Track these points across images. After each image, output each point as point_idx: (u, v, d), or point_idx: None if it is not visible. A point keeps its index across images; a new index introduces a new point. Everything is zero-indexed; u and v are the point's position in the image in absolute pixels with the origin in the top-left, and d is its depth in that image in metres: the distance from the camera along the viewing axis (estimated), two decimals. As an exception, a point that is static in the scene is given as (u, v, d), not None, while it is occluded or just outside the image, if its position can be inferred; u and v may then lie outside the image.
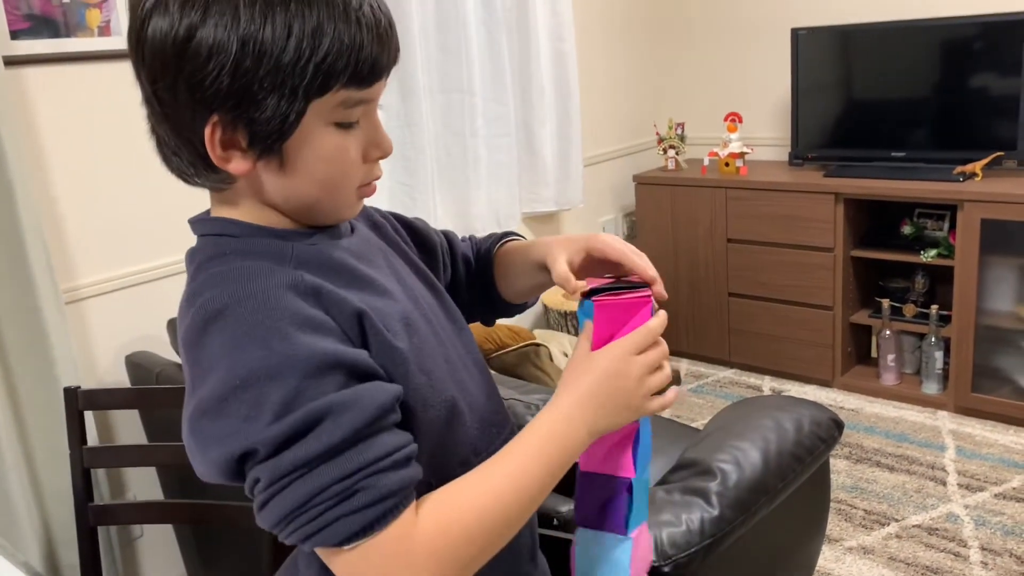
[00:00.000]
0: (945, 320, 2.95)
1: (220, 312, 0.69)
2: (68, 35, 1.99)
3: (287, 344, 0.67)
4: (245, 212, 0.78)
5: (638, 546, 0.86)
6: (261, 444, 0.66)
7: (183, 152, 0.74)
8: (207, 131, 0.70)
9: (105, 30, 2.04)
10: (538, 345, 2.92)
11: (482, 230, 2.83)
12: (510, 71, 2.98)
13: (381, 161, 0.80)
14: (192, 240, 0.81)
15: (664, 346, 0.84)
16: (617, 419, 0.81)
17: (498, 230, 1.11)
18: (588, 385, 0.80)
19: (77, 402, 1.50)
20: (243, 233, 0.77)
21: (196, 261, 0.77)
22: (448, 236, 1.07)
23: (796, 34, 3.20)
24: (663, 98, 3.83)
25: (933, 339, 2.95)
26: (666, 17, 3.77)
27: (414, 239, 0.99)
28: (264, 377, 0.66)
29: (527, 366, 2.84)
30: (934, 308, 2.94)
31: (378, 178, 0.80)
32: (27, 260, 1.86)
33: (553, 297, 3.27)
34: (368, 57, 0.71)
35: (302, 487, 0.66)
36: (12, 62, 1.88)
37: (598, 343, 0.82)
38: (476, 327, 2.88)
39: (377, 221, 0.94)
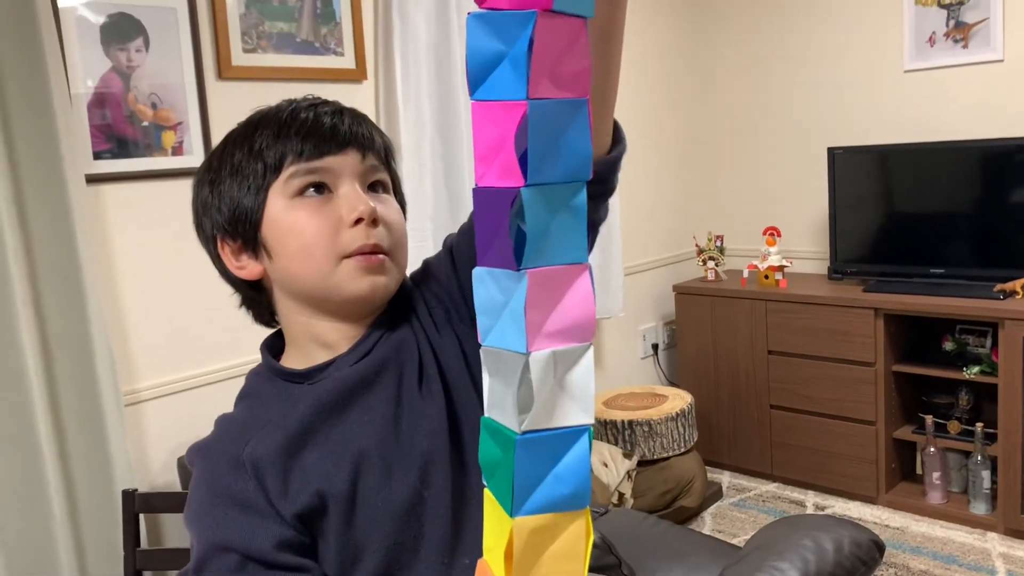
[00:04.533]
0: (991, 438, 2.91)
1: (194, 455, 0.86)
2: (144, 155, 2.14)
3: (206, 513, 0.81)
4: (291, 345, 0.89)
5: (540, 288, 0.50)
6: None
7: (240, 293, 0.89)
8: (225, 255, 0.86)
9: (178, 150, 2.20)
10: (577, 454, 2.92)
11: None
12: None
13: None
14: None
15: None
16: None
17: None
18: None
19: (134, 505, 1.56)
20: (261, 374, 0.89)
21: (241, 387, 0.90)
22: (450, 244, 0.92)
23: (832, 153, 3.29)
24: (702, 211, 3.92)
25: (979, 457, 2.91)
26: (705, 133, 3.91)
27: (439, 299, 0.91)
28: (193, 526, 0.82)
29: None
30: (979, 426, 2.91)
31: (373, 246, 0.82)
32: (93, 365, 1.96)
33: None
34: (308, 146, 0.81)
35: None
36: (93, 180, 2.03)
37: None
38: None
39: (413, 327, 0.90)
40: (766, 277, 3.42)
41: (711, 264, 3.63)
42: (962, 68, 3.15)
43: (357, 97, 2.58)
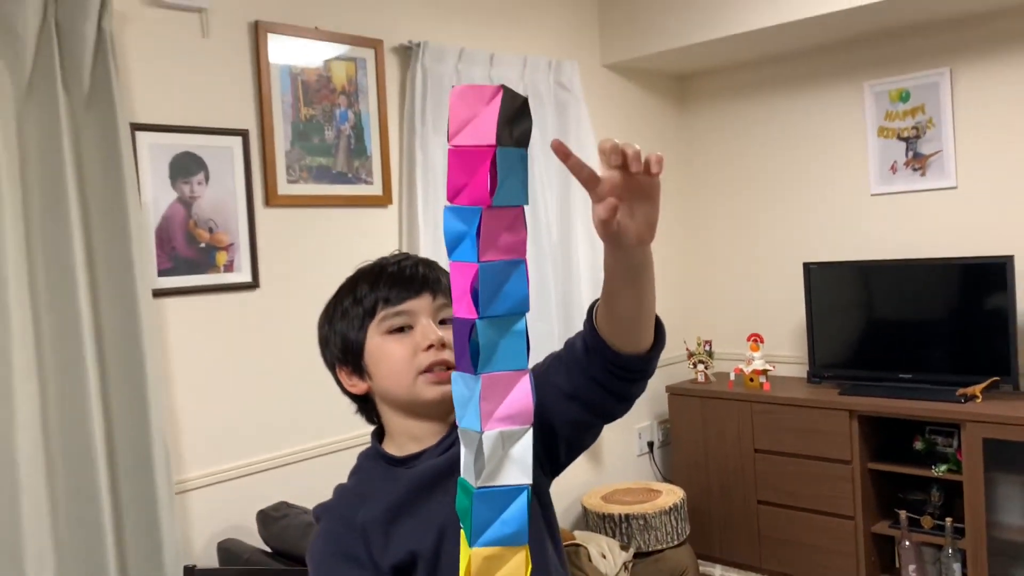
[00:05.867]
0: (961, 532, 3.13)
1: (321, 513, 1.13)
2: (200, 272, 2.46)
3: (323, 561, 1.07)
4: (389, 437, 1.16)
5: (491, 387, 0.77)
6: None
7: (355, 403, 1.18)
8: (342, 378, 1.16)
9: (229, 267, 2.52)
10: (578, 546, 3.14)
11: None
12: (555, 296, 3.43)
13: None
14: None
15: None
16: None
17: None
18: None
19: (194, 579, 1.80)
20: (370, 455, 1.17)
21: (354, 464, 1.17)
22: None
23: (808, 268, 3.63)
24: (692, 317, 4.23)
25: (950, 551, 3.13)
26: (694, 247, 4.26)
27: None
28: (313, 569, 1.07)
29: (568, 567, 3.04)
30: (948, 521, 3.14)
31: (443, 362, 1.08)
32: (151, 456, 2.22)
33: (592, 500, 3.52)
34: (394, 293, 1.12)
35: None
36: (157, 294, 2.34)
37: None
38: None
39: None
40: (751, 380, 3.70)
41: (701, 367, 3.91)
42: (921, 193, 3.51)
43: (383, 220, 2.93)
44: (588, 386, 1.01)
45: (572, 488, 3.62)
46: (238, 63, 2.57)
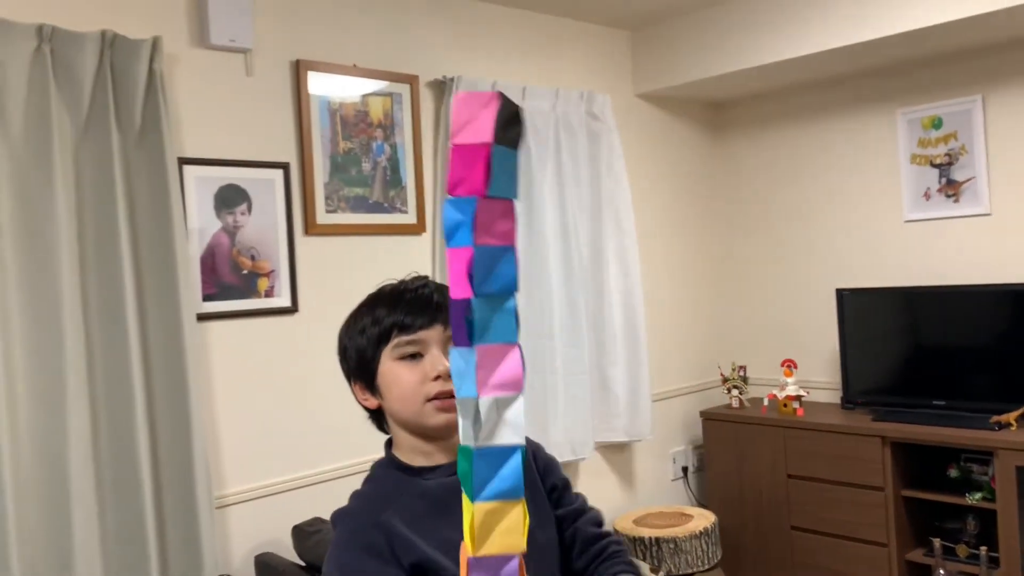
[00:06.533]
0: (996, 562, 3.10)
1: (339, 518, 1.20)
2: (243, 297, 2.59)
3: (349, 558, 1.14)
4: (399, 448, 1.25)
5: (486, 357, 0.86)
6: None
7: (367, 413, 1.27)
8: (356, 391, 1.25)
9: (270, 293, 2.65)
10: (607, 567, 3.18)
11: (559, 456, 3.20)
12: (586, 320, 3.49)
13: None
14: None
15: None
16: None
17: (573, 456, 1.44)
18: None
19: (229, 588, 1.90)
20: (384, 465, 1.25)
21: (368, 473, 1.26)
22: (576, 512, 1.35)
23: (840, 294, 3.64)
24: (726, 343, 4.26)
25: (985, 580, 3.09)
26: (728, 273, 4.29)
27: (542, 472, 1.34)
28: (335, 567, 1.14)
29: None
30: (983, 550, 3.10)
31: (450, 392, 1.14)
32: (192, 473, 2.34)
33: (624, 523, 3.55)
34: (408, 320, 1.20)
35: None
36: (202, 318, 2.47)
37: None
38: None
39: None
40: (785, 405, 3.71)
41: (735, 392, 3.93)
42: (955, 220, 3.51)
43: (417, 247, 3.04)
44: None
45: (605, 511, 3.62)
46: (280, 100, 2.71)
